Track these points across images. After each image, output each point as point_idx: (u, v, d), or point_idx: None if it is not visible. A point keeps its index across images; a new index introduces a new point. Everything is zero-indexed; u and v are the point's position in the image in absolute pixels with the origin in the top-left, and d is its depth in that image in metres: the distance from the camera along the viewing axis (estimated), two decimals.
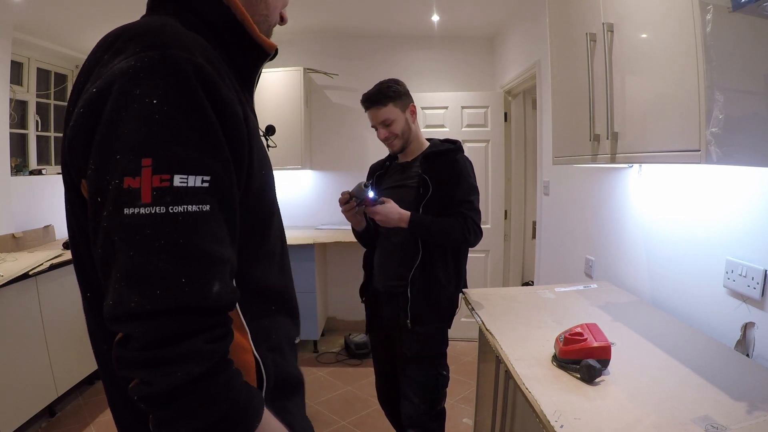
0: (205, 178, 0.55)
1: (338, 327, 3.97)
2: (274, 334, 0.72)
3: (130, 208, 0.51)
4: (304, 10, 3.33)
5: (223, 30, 0.67)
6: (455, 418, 2.54)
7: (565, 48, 1.66)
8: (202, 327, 0.53)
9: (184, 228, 0.53)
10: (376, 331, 1.87)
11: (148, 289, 0.50)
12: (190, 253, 0.53)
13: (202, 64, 0.57)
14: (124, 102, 0.53)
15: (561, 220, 2.59)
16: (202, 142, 0.55)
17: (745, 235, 1.24)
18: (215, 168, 0.56)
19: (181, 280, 0.51)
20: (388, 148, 1.79)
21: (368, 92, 1.73)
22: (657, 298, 1.65)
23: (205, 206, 0.54)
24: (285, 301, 0.76)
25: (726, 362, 1.15)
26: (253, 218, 0.66)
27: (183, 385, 0.51)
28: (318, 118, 3.95)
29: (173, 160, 0.53)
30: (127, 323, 0.51)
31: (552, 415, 0.92)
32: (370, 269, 1.84)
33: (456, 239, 1.65)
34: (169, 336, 0.51)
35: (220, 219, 0.56)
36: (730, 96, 0.94)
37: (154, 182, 0.52)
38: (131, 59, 0.54)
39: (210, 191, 0.55)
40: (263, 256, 0.70)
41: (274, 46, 0.73)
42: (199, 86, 0.55)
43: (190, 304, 0.52)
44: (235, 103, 0.60)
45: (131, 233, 0.51)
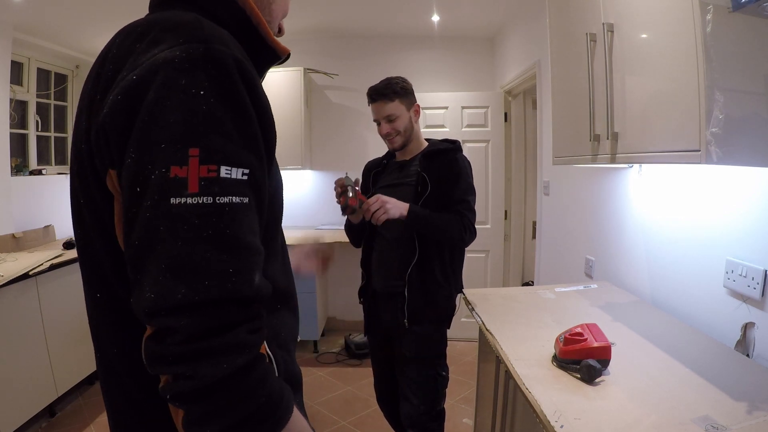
0: (245, 171, 0.55)
1: (338, 327, 3.97)
2: (283, 332, 0.72)
3: (177, 197, 0.51)
4: (304, 10, 3.32)
5: (236, 31, 0.67)
6: (455, 418, 2.54)
7: (565, 48, 1.66)
8: (245, 318, 0.53)
9: (229, 219, 0.53)
10: (375, 332, 1.87)
11: (196, 280, 0.50)
12: (235, 244, 0.53)
13: (242, 59, 0.58)
14: (168, 92, 0.53)
15: (561, 220, 2.59)
16: (244, 135, 0.56)
17: (745, 235, 1.24)
18: (253, 162, 0.57)
19: (230, 271, 0.52)
20: (388, 145, 1.78)
21: (376, 85, 1.72)
22: (657, 298, 1.65)
23: (245, 198, 0.55)
24: (288, 298, 0.77)
25: (726, 362, 1.15)
26: (270, 215, 0.66)
27: (227, 376, 0.51)
28: (318, 118, 3.95)
29: (220, 152, 0.53)
30: (171, 316, 0.50)
31: (552, 415, 0.92)
32: (369, 270, 1.83)
33: (453, 236, 1.65)
34: (215, 327, 0.51)
35: (255, 212, 0.58)
36: (730, 96, 0.94)
37: (201, 172, 0.52)
38: (176, 49, 0.54)
39: (249, 184, 0.56)
40: (272, 254, 0.70)
41: (287, 50, 0.73)
42: (241, 81, 0.56)
43: (236, 295, 0.52)
44: (266, 101, 0.62)
45: (177, 223, 0.51)
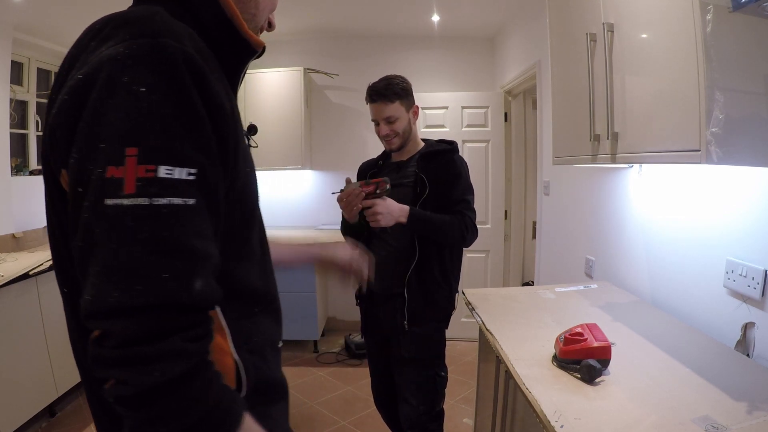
0: (191, 171, 0.53)
1: (338, 327, 3.97)
2: (256, 337, 0.70)
3: (112, 198, 0.49)
4: (304, 10, 3.33)
5: (211, 24, 0.66)
6: (455, 418, 2.54)
7: (566, 48, 1.66)
8: (183, 325, 0.51)
9: (167, 221, 0.51)
10: (373, 334, 1.86)
11: (129, 284, 0.48)
12: (173, 247, 0.51)
13: (192, 54, 0.55)
14: (111, 89, 0.51)
15: (561, 220, 2.59)
16: (189, 133, 0.54)
17: (745, 235, 1.24)
18: (202, 161, 0.54)
19: (163, 276, 0.50)
20: (385, 146, 1.78)
21: (376, 85, 1.69)
22: (657, 298, 1.65)
23: (190, 200, 0.53)
24: (267, 302, 0.74)
25: (726, 362, 1.15)
26: (236, 216, 0.64)
27: (161, 385, 0.49)
28: (318, 118, 3.95)
29: (159, 151, 0.51)
30: (105, 319, 0.49)
31: (552, 415, 0.92)
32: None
33: (454, 237, 1.65)
34: (148, 333, 0.49)
35: (204, 214, 0.55)
36: (730, 96, 0.94)
37: (138, 172, 0.50)
38: (120, 46, 0.53)
39: (196, 185, 0.53)
40: (245, 256, 0.68)
41: (262, 43, 0.71)
42: (189, 76, 0.54)
43: (172, 301, 0.50)
44: (224, 97, 0.59)
45: (112, 225, 0.49)
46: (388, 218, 1.59)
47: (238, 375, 0.64)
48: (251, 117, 3.57)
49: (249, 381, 0.65)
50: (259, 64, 3.74)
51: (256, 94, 3.59)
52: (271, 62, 3.76)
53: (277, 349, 0.77)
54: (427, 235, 1.65)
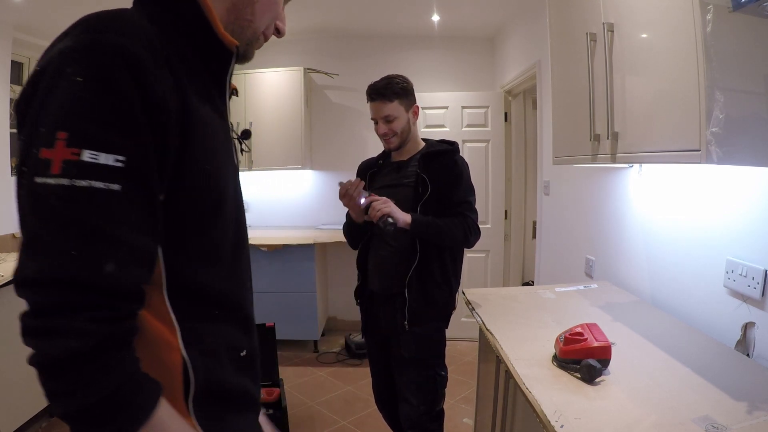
0: (119, 158, 0.55)
1: (338, 327, 3.97)
2: (210, 339, 0.69)
3: (41, 177, 0.53)
4: (304, 10, 3.33)
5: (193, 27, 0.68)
6: (455, 418, 2.54)
7: (566, 48, 1.66)
8: (85, 304, 0.53)
9: (85, 203, 0.53)
10: (373, 334, 1.86)
11: (42, 259, 0.52)
12: (86, 228, 0.53)
13: (134, 49, 0.57)
14: (56, 79, 0.55)
15: (561, 220, 2.59)
16: (120, 122, 0.56)
17: (745, 235, 1.24)
18: (131, 150, 0.56)
19: (71, 253, 0.52)
20: (384, 145, 1.77)
21: (376, 84, 1.69)
22: (657, 298, 1.65)
23: (114, 185, 0.54)
24: (231, 309, 0.73)
25: (726, 362, 1.15)
26: (188, 215, 0.65)
27: (64, 359, 0.52)
28: (318, 118, 3.95)
29: (87, 135, 0.54)
30: (25, 289, 0.53)
31: (552, 415, 0.92)
32: (365, 271, 1.83)
33: (457, 239, 1.65)
34: (54, 307, 0.52)
35: (131, 202, 0.56)
36: (730, 96, 0.94)
37: (64, 155, 0.53)
38: (68, 40, 0.57)
39: (124, 171, 0.55)
40: (203, 257, 0.68)
41: (235, 43, 0.71)
42: (126, 70, 0.56)
43: (77, 279, 0.52)
44: (166, 92, 0.60)
45: (37, 202, 0.53)
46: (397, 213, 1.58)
47: (186, 374, 0.64)
48: (251, 117, 3.58)
49: (198, 381, 0.65)
50: (259, 64, 3.74)
51: (256, 94, 3.60)
52: (271, 62, 3.76)
53: (240, 358, 0.75)
54: (430, 240, 1.65)
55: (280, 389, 2.41)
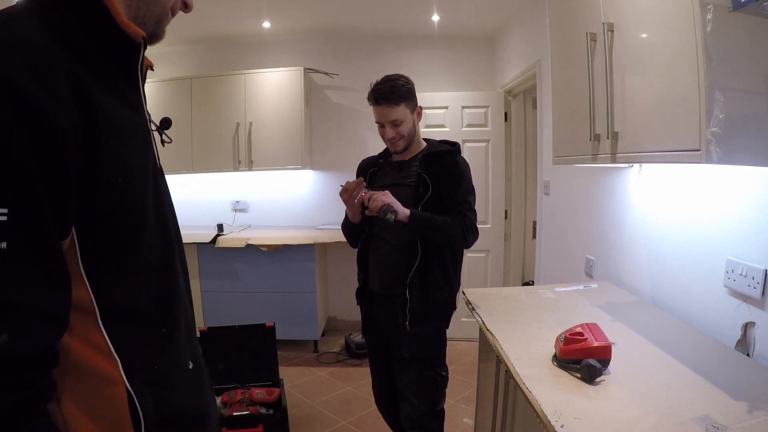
0: (2, 211, 0.47)
1: (339, 327, 3.97)
2: (157, 364, 0.64)
3: None
4: (304, 10, 3.33)
5: (93, 21, 0.61)
6: (456, 418, 2.54)
7: (566, 48, 1.66)
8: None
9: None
10: (373, 334, 1.86)
11: None
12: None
13: (17, 79, 0.49)
14: None
15: (561, 219, 2.59)
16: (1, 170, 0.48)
17: (745, 234, 1.24)
18: (15, 199, 0.49)
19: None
20: (390, 148, 1.76)
21: (381, 87, 1.65)
22: (657, 298, 1.65)
23: (1, 243, 0.47)
24: (172, 322, 0.69)
25: (726, 362, 1.15)
26: (110, 236, 0.59)
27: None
28: (318, 118, 3.95)
29: None
30: None
31: (552, 415, 0.92)
32: (366, 271, 1.83)
33: (455, 237, 1.64)
34: None
35: (24, 258, 0.49)
36: (730, 96, 0.94)
37: None
38: None
39: (9, 226, 0.48)
40: (134, 274, 0.63)
41: (141, 33, 0.64)
42: (10, 104, 0.48)
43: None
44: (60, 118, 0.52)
45: None
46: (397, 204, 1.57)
47: (132, 407, 0.60)
48: (251, 117, 3.58)
49: (148, 413, 0.61)
50: (259, 64, 3.75)
51: (256, 94, 3.59)
52: (271, 62, 3.77)
53: (188, 371, 0.71)
54: (427, 237, 1.64)
55: (280, 389, 2.41)
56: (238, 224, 3.93)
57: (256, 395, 2.33)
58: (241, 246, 3.28)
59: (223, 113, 3.60)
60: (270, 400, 2.32)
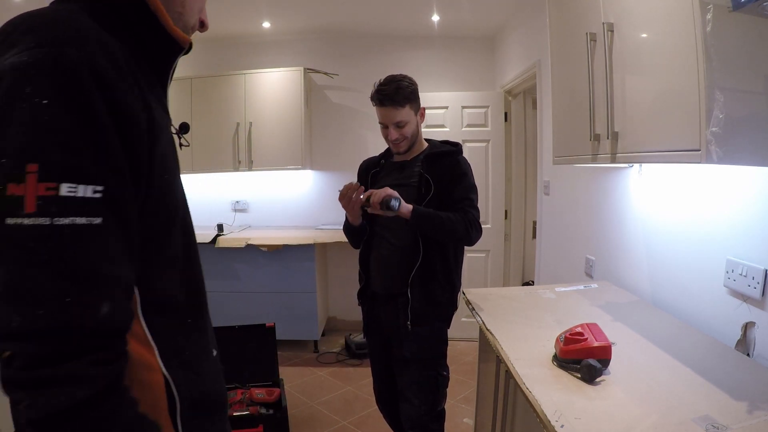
0: (97, 188, 0.50)
1: (339, 327, 3.97)
2: (188, 350, 0.67)
3: (12, 217, 0.47)
4: (304, 10, 3.33)
5: (134, 21, 0.63)
6: (456, 418, 2.54)
7: (566, 48, 1.66)
8: (87, 349, 0.49)
9: (70, 242, 0.48)
10: (374, 334, 1.86)
11: (29, 309, 0.47)
12: (76, 270, 0.49)
13: (99, 64, 0.53)
14: (12, 100, 0.49)
15: (561, 219, 2.59)
16: (94, 148, 0.51)
17: (745, 234, 1.24)
18: (108, 178, 0.52)
19: (65, 300, 0.48)
20: (393, 149, 1.76)
21: (385, 89, 1.64)
22: (657, 298, 1.65)
23: (96, 219, 0.50)
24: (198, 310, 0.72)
25: (726, 362, 1.15)
26: (153, 226, 0.61)
27: (66, 410, 0.47)
28: (318, 118, 3.95)
29: (61, 167, 0.49)
30: (9, 342, 0.48)
31: (552, 415, 0.92)
32: (367, 272, 1.82)
33: (459, 233, 1.61)
34: (52, 356, 0.48)
35: (113, 233, 0.52)
36: (730, 95, 0.94)
37: (39, 190, 0.47)
38: (24, 54, 0.50)
39: (103, 202, 0.51)
40: (166, 265, 0.65)
41: (188, 39, 0.69)
42: (95, 88, 0.51)
43: (75, 325, 0.48)
44: (135, 107, 0.56)
45: (12, 246, 0.47)
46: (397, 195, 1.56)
47: (169, 392, 0.62)
48: (251, 117, 3.58)
49: (183, 398, 0.63)
50: (259, 64, 3.75)
51: (256, 94, 3.59)
52: (271, 62, 3.77)
53: (213, 358, 0.75)
54: (431, 233, 1.63)
55: (280, 389, 2.41)
56: (238, 224, 3.93)
57: (256, 395, 2.33)
58: (241, 246, 3.28)
59: (223, 113, 3.60)
60: (270, 400, 2.32)
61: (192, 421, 0.66)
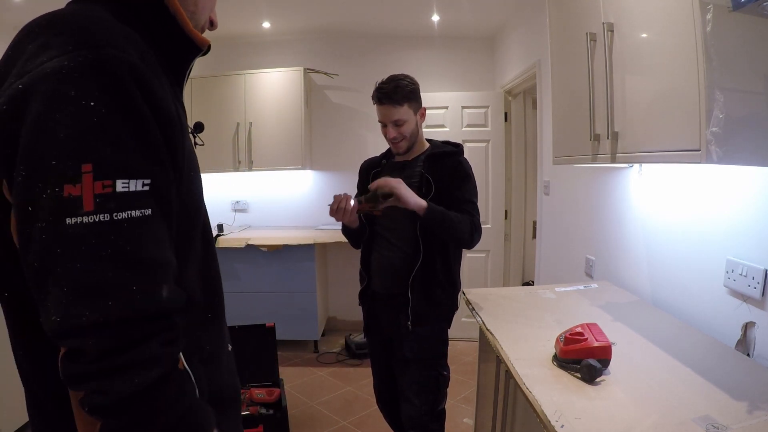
0: (145, 182, 0.54)
1: (339, 327, 3.97)
2: (209, 345, 0.70)
3: (72, 217, 0.49)
4: (304, 10, 3.33)
5: (153, 22, 0.65)
6: (456, 418, 2.54)
7: (566, 48, 1.66)
8: (154, 331, 0.53)
9: (129, 234, 0.52)
10: (375, 334, 1.86)
11: (99, 301, 0.49)
12: (137, 260, 0.52)
13: (137, 63, 0.55)
14: (57, 104, 0.50)
15: (561, 219, 2.59)
16: (141, 144, 0.54)
17: (745, 234, 1.24)
18: (154, 170, 0.55)
19: (132, 288, 0.51)
20: (393, 148, 1.76)
21: (385, 87, 1.65)
22: (657, 298, 1.65)
23: (147, 210, 0.54)
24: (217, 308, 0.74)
25: (726, 362, 1.15)
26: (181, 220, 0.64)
27: (141, 391, 0.50)
28: (318, 118, 3.95)
29: (114, 165, 0.51)
30: (78, 338, 0.49)
31: (552, 415, 0.92)
32: (368, 272, 1.82)
33: (464, 235, 1.61)
34: (125, 343, 0.51)
35: (161, 222, 0.56)
36: (730, 95, 0.94)
37: (96, 189, 0.50)
38: (63, 58, 0.52)
39: (151, 194, 0.54)
40: (188, 260, 0.67)
41: (207, 41, 0.70)
42: (135, 87, 0.54)
43: (143, 312, 0.51)
44: (170, 102, 0.59)
45: (75, 244, 0.49)
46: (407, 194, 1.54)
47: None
48: (251, 117, 3.58)
49: (202, 392, 0.65)
50: (259, 64, 3.75)
51: (256, 94, 3.59)
52: (271, 62, 3.77)
53: (229, 353, 0.77)
54: (437, 231, 1.61)
55: (280, 389, 2.41)
56: (238, 224, 3.94)
57: (256, 395, 2.33)
58: (241, 246, 3.28)
59: (223, 113, 3.60)
60: (270, 401, 2.32)
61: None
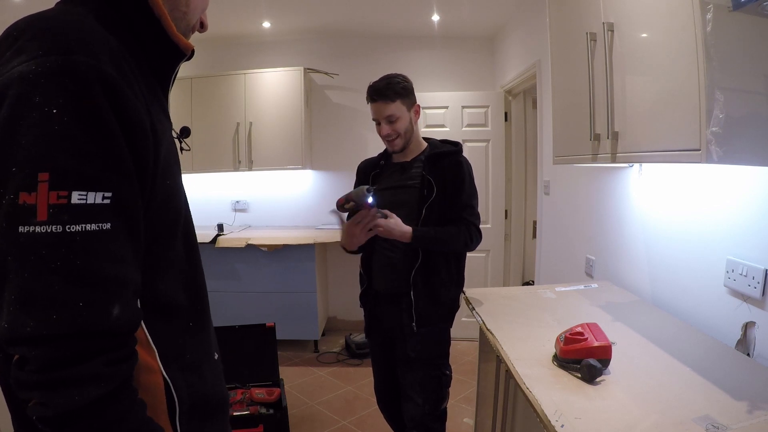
0: (106, 195, 0.52)
1: (339, 327, 3.97)
2: (190, 353, 0.68)
3: (24, 226, 0.48)
4: (304, 10, 3.33)
5: (139, 25, 0.64)
6: (456, 417, 2.54)
7: (566, 47, 1.65)
8: (101, 350, 0.51)
9: (81, 249, 0.50)
10: (376, 334, 1.86)
11: (43, 314, 0.48)
12: (88, 275, 0.50)
13: (107, 71, 0.53)
14: (21, 109, 0.49)
15: (561, 219, 2.59)
16: (103, 155, 0.52)
17: (745, 234, 1.24)
18: (117, 183, 0.53)
19: (78, 305, 0.49)
20: (388, 147, 1.76)
21: (376, 84, 1.67)
22: (657, 298, 1.65)
23: (106, 224, 0.52)
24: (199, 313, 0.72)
25: (726, 362, 1.15)
26: (156, 230, 0.62)
27: (81, 408, 0.49)
28: (318, 118, 3.95)
29: (72, 175, 0.50)
30: (23, 346, 0.49)
31: (553, 415, 0.92)
32: (369, 272, 1.82)
33: (458, 247, 1.68)
34: (67, 359, 0.49)
35: (122, 237, 0.54)
36: (730, 95, 0.94)
37: (50, 199, 0.49)
38: (32, 63, 0.51)
39: (112, 208, 0.52)
40: (167, 268, 0.66)
41: (191, 46, 0.69)
42: (103, 95, 0.52)
43: (88, 329, 0.50)
44: (141, 112, 0.57)
45: (25, 253, 0.48)
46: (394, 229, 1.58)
47: (169, 394, 0.63)
48: (251, 117, 3.58)
49: (182, 400, 0.64)
50: (259, 64, 3.75)
51: (256, 93, 3.59)
52: (271, 62, 3.77)
53: (214, 361, 0.75)
54: (431, 249, 1.66)
55: (280, 389, 2.41)
56: (239, 224, 3.93)
57: (256, 395, 2.33)
58: (242, 246, 3.28)
59: (223, 113, 3.60)
60: (270, 400, 2.32)
61: (191, 423, 0.66)
